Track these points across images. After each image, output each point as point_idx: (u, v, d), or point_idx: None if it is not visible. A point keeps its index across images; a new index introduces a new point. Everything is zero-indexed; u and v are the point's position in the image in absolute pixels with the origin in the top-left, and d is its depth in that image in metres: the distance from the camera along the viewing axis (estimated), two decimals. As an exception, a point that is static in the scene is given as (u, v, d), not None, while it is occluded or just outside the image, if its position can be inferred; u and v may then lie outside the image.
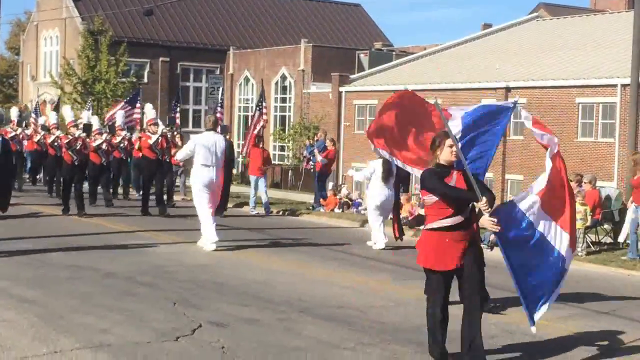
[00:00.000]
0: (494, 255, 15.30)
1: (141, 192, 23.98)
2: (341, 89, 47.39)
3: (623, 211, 16.01)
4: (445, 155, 7.13)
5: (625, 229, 15.20)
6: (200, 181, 14.01)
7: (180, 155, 14.96)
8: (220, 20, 60.28)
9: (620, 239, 15.56)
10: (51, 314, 8.65)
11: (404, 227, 18.23)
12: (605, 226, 16.38)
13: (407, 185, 21.90)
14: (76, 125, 19.06)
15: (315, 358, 7.41)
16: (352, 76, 48.36)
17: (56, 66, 54.96)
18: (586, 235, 15.20)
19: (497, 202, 7.04)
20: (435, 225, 7.10)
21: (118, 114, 24.27)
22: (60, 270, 11.34)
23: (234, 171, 30.78)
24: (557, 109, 36.75)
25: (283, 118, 52.39)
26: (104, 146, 20.70)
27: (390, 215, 14.70)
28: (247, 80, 55.48)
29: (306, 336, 8.16)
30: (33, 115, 30.17)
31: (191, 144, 14.13)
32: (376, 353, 7.67)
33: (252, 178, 21.36)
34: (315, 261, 13.41)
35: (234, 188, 25.77)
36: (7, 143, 14.08)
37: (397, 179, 14.74)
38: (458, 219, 7.02)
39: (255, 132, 21.99)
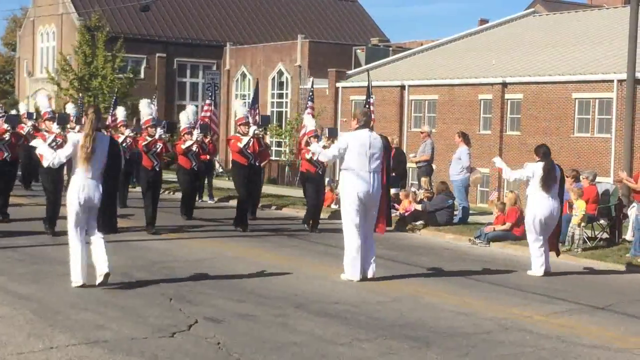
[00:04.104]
0: (492, 252, 15.34)
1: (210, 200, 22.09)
2: (338, 84, 47.41)
3: (619, 207, 16.03)
4: None
5: (630, 226, 15.29)
6: (354, 193, 11.04)
7: (324, 157, 11.90)
8: (217, 16, 60.23)
9: (628, 237, 15.60)
10: (47, 309, 8.65)
11: (393, 220, 18.26)
12: (602, 222, 16.40)
13: (405, 180, 21.92)
14: (154, 125, 16.11)
15: (310, 353, 7.42)
16: (348, 72, 48.39)
17: (53, 62, 54.90)
18: (582, 231, 15.21)
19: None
20: None
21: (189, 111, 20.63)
22: (55, 266, 11.32)
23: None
24: (553, 104, 36.80)
25: (280, 114, 52.38)
26: (194, 148, 17.94)
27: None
28: (243, 76, 55.47)
29: (302, 332, 8.17)
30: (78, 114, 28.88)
31: (343, 144, 11.19)
32: (372, 348, 7.68)
33: None
34: (310, 257, 13.42)
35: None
36: (117, 147, 10.75)
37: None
38: None
39: None
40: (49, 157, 10.05)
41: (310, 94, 21.54)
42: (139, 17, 54.95)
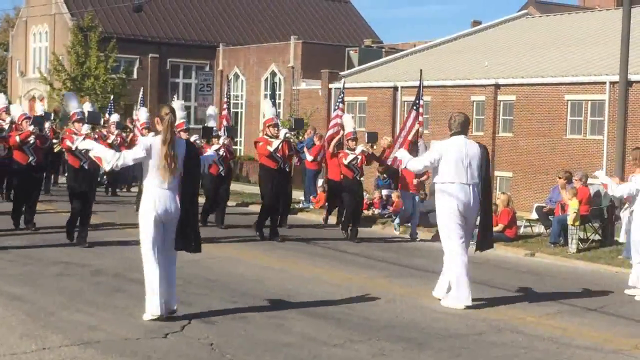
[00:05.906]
0: (488, 253, 15.35)
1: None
2: (331, 85, 47.37)
3: (612, 209, 16.06)
4: None
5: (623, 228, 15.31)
6: (451, 206, 9.91)
7: (413, 167, 10.53)
8: (210, 16, 60.17)
9: (621, 239, 15.62)
10: (40, 310, 8.63)
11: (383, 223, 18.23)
12: (594, 224, 16.43)
13: (398, 182, 21.89)
14: (187, 129, 14.75)
15: (304, 354, 7.42)
16: (341, 73, 48.33)
17: (45, 62, 54.77)
18: (577, 231, 15.24)
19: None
20: None
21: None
22: (48, 267, 11.32)
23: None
24: (546, 106, 36.85)
25: (273, 115, 52.30)
26: (221, 152, 16.73)
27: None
28: (236, 76, 55.44)
29: (295, 333, 8.17)
30: (108, 113, 28.14)
31: (436, 154, 10.04)
32: (365, 350, 7.68)
33: (406, 194, 17.23)
34: (304, 258, 13.43)
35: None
36: (195, 152, 8.98)
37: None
38: None
39: (410, 137, 17.20)
40: (109, 157, 8.40)
41: (341, 94, 20.90)
42: (131, 17, 54.81)
